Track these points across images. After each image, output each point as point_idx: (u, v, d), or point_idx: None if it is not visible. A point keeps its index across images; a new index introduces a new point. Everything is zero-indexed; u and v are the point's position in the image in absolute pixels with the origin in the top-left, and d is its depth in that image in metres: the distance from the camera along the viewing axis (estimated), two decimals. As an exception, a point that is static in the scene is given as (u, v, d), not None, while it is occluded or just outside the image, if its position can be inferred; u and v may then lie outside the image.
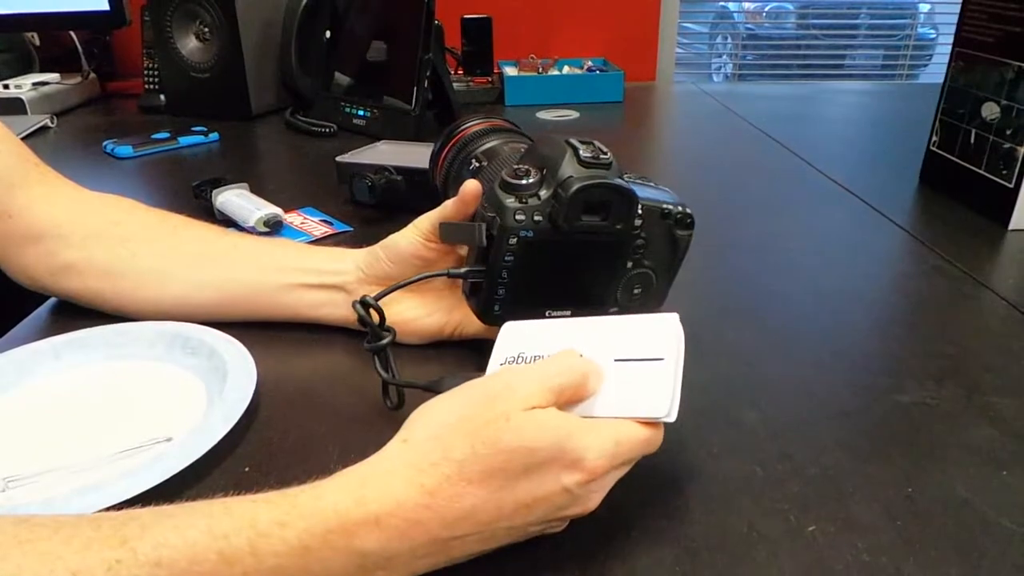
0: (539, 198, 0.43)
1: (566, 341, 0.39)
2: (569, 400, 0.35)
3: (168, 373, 0.50)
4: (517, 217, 0.43)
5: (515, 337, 0.41)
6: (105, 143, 1.05)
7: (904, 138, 1.10)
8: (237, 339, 0.51)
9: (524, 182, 0.43)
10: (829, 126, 1.29)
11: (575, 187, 0.42)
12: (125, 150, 1.03)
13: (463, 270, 0.47)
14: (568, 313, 0.48)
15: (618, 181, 0.44)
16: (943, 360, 0.52)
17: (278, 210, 0.74)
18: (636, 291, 0.49)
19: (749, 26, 3.48)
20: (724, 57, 3.56)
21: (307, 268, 0.54)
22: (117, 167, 1.00)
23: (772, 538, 0.36)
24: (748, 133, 1.17)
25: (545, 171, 0.44)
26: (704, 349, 0.54)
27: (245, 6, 1.17)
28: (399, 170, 0.76)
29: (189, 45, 1.23)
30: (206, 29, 1.20)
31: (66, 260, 0.55)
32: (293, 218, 0.76)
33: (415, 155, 0.79)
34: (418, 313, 0.52)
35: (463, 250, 0.50)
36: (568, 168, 0.43)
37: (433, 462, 0.31)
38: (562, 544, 0.36)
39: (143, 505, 0.31)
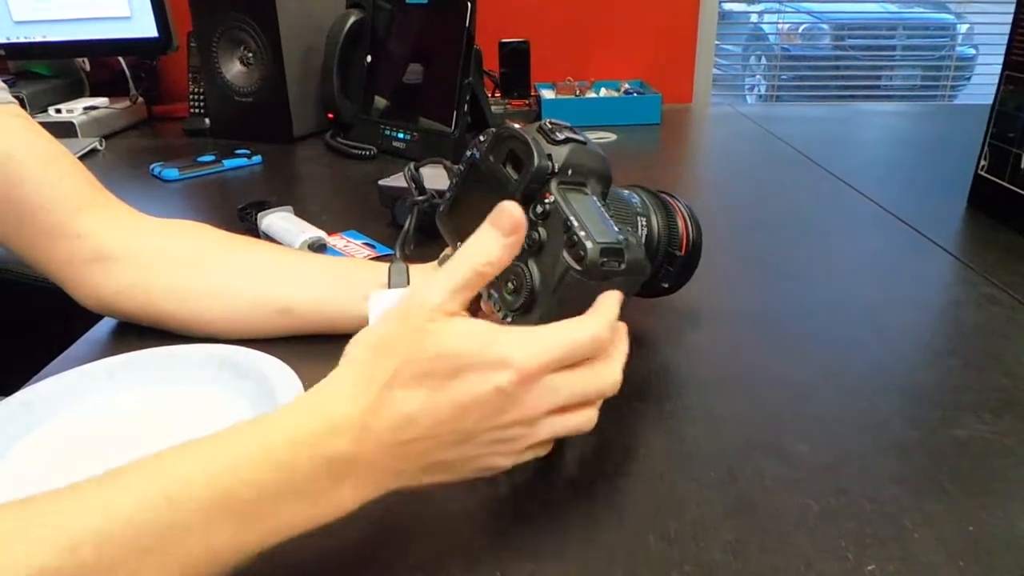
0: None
1: None
2: (476, 289, 0.36)
3: (217, 397, 0.51)
4: (480, 138, 0.47)
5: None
6: (152, 166, 1.08)
7: (948, 161, 1.08)
8: (286, 362, 0.51)
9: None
10: (870, 148, 1.27)
11: (499, 126, 0.45)
12: (171, 173, 1.05)
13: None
14: None
15: (536, 139, 0.43)
16: (1000, 392, 0.51)
17: (322, 233, 0.75)
18: (509, 288, 0.44)
19: (784, 47, 3.46)
20: (758, 77, 3.55)
21: (375, 282, 0.55)
22: (164, 189, 1.03)
23: (830, 577, 0.36)
24: (787, 155, 1.16)
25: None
26: (751, 378, 0.54)
27: (288, 32, 1.20)
28: (441, 194, 0.76)
29: (233, 70, 1.26)
30: (250, 55, 1.23)
31: (134, 279, 0.56)
32: (336, 241, 0.77)
33: (457, 179, 0.80)
34: None
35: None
36: (531, 130, 0.45)
37: (371, 376, 0.34)
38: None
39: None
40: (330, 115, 1.23)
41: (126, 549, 0.28)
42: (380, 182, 0.83)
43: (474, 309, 0.43)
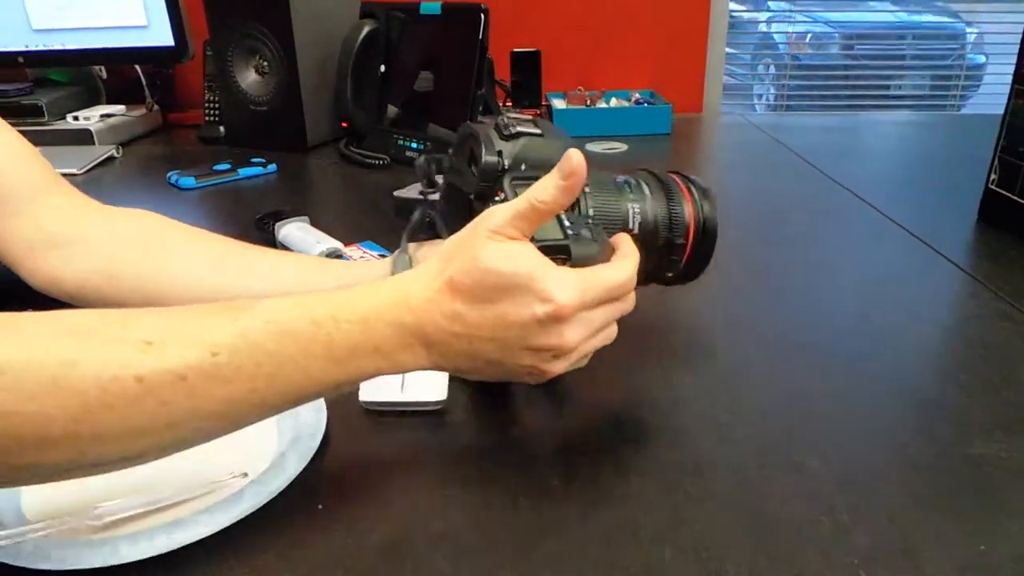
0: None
1: None
2: (533, 221, 0.41)
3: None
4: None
5: None
6: (169, 174, 1.09)
7: (958, 172, 1.09)
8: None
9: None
10: (880, 159, 1.27)
11: (465, 124, 0.49)
12: (188, 181, 1.06)
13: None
14: None
15: (490, 136, 0.45)
16: (1012, 410, 0.51)
17: (338, 244, 0.76)
18: None
19: (794, 55, 3.46)
20: (767, 84, 3.55)
21: (324, 285, 0.56)
22: (181, 198, 1.04)
23: (843, 593, 0.36)
24: (797, 166, 1.17)
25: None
26: (762, 392, 0.54)
27: (303, 42, 1.21)
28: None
29: (249, 79, 1.27)
30: (265, 64, 1.24)
31: (92, 266, 0.57)
32: (353, 252, 0.78)
33: (471, 191, 0.81)
34: None
35: None
36: (489, 126, 0.47)
37: (439, 271, 0.41)
38: (631, 592, 0.36)
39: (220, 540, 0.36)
40: (344, 123, 1.24)
41: (251, 363, 0.36)
42: (395, 193, 0.85)
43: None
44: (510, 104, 1.41)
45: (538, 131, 0.46)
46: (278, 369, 0.37)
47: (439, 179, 0.60)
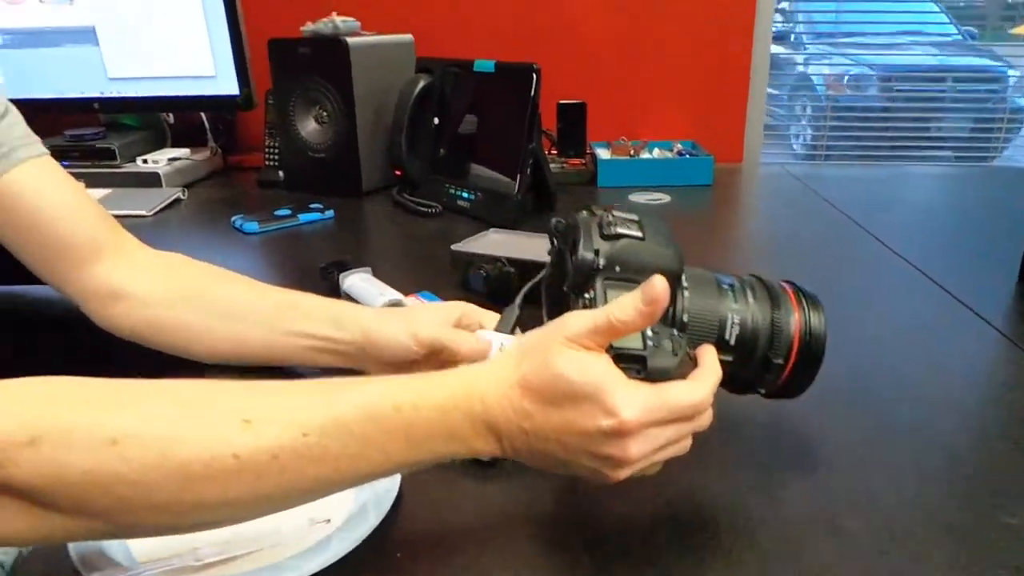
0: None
1: None
2: (609, 337, 0.42)
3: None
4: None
5: None
6: (234, 218, 1.15)
7: (998, 228, 1.10)
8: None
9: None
10: (918, 213, 1.29)
11: (577, 212, 0.49)
12: (252, 226, 1.13)
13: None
14: None
15: (590, 230, 0.47)
16: (1049, 480, 0.53)
17: (400, 296, 0.81)
18: None
19: (832, 97, 3.48)
20: (804, 124, 3.57)
21: (316, 335, 0.64)
22: (245, 242, 1.10)
23: (887, 657, 0.39)
24: (835, 219, 1.19)
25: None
26: (804, 454, 0.57)
27: (362, 94, 1.28)
28: (512, 262, 0.82)
29: (308, 127, 1.34)
30: (325, 113, 1.31)
31: (142, 318, 0.65)
32: (412, 303, 0.83)
33: (526, 246, 0.85)
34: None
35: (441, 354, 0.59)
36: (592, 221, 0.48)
37: (515, 367, 0.43)
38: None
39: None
40: (397, 172, 1.30)
41: (338, 444, 0.39)
42: (453, 247, 0.89)
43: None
44: (555, 153, 1.46)
45: (640, 235, 0.47)
46: (361, 450, 0.40)
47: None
